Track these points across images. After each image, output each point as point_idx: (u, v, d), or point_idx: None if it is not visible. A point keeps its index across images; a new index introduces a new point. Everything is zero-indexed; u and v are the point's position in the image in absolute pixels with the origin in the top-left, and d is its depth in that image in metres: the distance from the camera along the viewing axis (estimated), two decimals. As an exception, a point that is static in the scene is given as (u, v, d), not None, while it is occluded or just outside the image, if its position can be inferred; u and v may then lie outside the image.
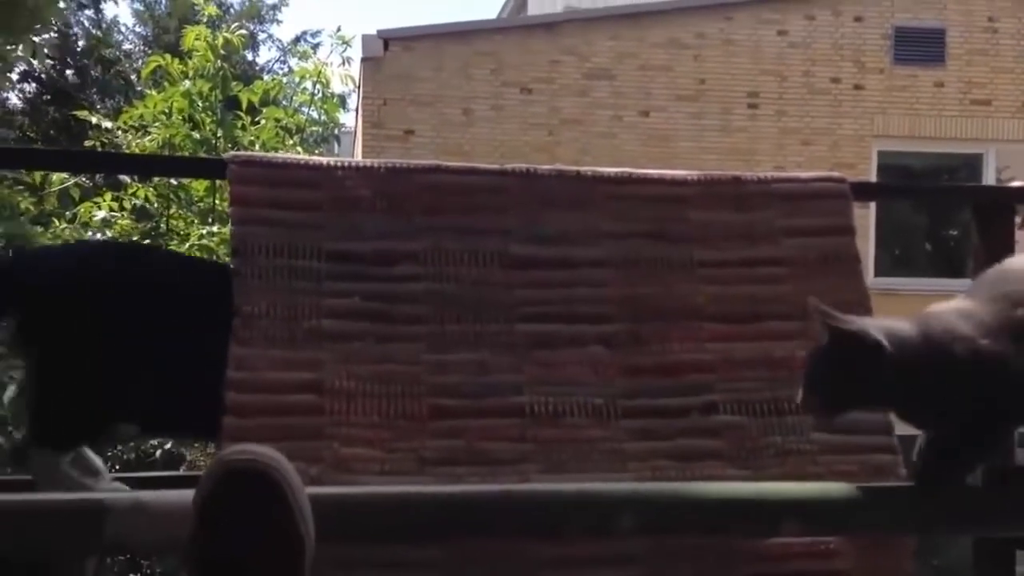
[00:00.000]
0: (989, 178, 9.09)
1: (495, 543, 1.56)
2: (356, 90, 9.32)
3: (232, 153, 2.03)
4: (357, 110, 10.22)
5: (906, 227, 9.76)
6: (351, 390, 1.69)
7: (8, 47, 5.23)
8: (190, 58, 5.76)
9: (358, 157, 9.17)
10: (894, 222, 9.35)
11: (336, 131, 8.16)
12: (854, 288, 1.87)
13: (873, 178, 8.77)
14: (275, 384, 1.67)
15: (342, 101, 8.04)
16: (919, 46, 9.27)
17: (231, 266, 1.77)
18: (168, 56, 5.92)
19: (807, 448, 1.62)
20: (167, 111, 5.61)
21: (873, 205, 7.97)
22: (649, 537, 1.54)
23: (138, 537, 1.33)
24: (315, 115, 6.36)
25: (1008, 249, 2.08)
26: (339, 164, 1.90)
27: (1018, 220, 2.12)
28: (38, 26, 6.17)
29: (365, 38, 8.84)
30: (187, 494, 1.22)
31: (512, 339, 1.78)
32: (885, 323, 1.49)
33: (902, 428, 1.74)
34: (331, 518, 1.29)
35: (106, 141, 5.66)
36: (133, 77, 12.57)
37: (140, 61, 12.73)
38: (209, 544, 1.18)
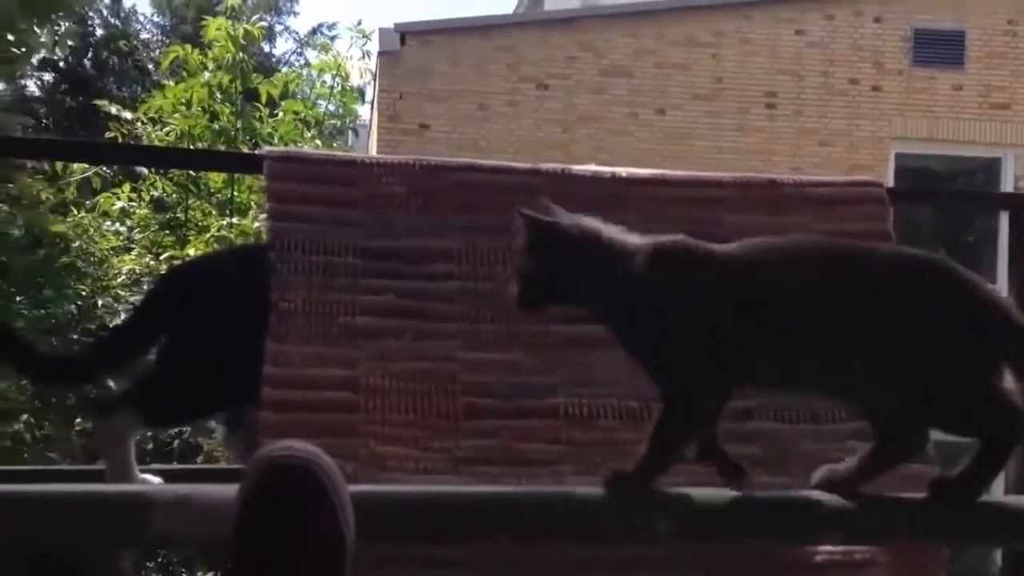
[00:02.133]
0: (1007, 183, 9.05)
1: (531, 544, 1.56)
2: (372, 83, 9.32)
3: (268, 148, 2.04)
4: (373, 103, 10.21)
5: (922, 230, 9.72)
6: (385, 388, 1.70)
7: (34, 31, 5.24)
8: (209, 48, 5.75)
9: (373, 150, 9.16)
10: (909, 225, 9.31)
11: (353, 124, 8.16)
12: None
13: (891, 180, 8.73)
14: (311, 380, 1.67)
15: (360, 94, 8.04)
16: (938, 48, 9.22)
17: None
18: (188, 46, 5.91)
19: (842, 456, 1.61)
20: (186, 102, 5.61)
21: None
22: (684, 542, 1.54)
23: (181, 531, 1.34)
24: (332, 108, 6.35)
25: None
26: (374, 161, 1.91)
27: None
28: (60, 13, 6.19)
29: (382, 32, 8.84)
30: (230, 488, 1.22)
31: (546, 339, 1.78)
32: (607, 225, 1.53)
33: (937, 436, 1.73)
34: (368, 516, 1.29)
35: (126, 132, 5.65)
36: (150, 66, 12.59)
37: (158, 51, 12.75)
38: (252, 540, 1.18)
